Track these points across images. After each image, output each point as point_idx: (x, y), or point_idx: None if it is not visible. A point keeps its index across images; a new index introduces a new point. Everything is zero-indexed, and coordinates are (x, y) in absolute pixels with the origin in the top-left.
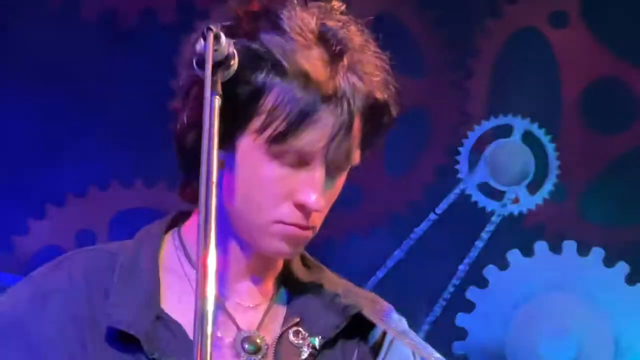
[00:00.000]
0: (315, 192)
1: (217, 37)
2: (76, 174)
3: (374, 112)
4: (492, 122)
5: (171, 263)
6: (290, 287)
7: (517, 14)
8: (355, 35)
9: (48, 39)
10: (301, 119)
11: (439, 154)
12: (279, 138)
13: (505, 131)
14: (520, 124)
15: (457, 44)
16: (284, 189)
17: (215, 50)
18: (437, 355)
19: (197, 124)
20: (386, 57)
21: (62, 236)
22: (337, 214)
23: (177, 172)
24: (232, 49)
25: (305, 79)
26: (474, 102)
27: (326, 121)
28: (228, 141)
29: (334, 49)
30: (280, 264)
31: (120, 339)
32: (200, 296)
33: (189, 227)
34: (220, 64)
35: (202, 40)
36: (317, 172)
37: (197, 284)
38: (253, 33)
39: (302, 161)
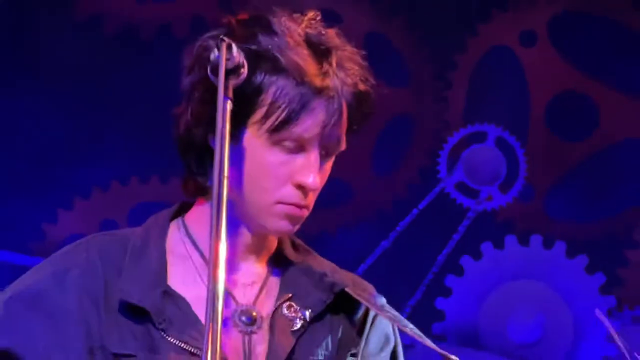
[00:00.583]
0: (313, 172)
1: (229, 48)
2: (100, 171)
3: (359, 101)
4: (469, 129)
5: (176, 246)
6: (282, 267)
7: (491, 34)
8: (334, 37)
9: (77, 51)
10: (298, 110)
11: (421, 157)
12: (279, 127)
13: (480, 137)
14: (493, 131)
15: (438, 59)
16: (284, 172)
17: (227, 59)
18: (412, 326)
19: (201, 123)
20: (362, 55)
21: (88, 225)
22: (330, 209)
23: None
24: (242, 59)
25: (300, 74)
26: (453, 111)
27: (320, 110)
28: (232, 132)
29: (320, 49)
30: (273, 247)
31: (131, 311)
32: (212, 278)
33: (192, 215)
34: (232, 71)
35: (216, 50)
36: (313, 156)
37: (210, 267)
38: (250, 36)
39: (299, 147)
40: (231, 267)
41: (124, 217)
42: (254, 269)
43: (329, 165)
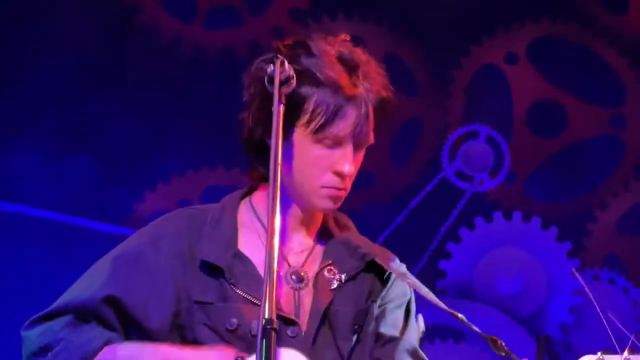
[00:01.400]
0: (348, 162)
1: (282, 63)
2: (178, 162)
3: (382, 104)
4: (465, 129)
5: (245, 219)
6: (326, 239)
7: (481, 54)
8: (361, 55)
9: (159, 67)
10: (334, 115)
11: (428, 150)
12: (319, 129)
13: (473, 135)
14: (484, 130)
15: (440, 75)
16: (325, 163)
17: (281, 72)
18: (426, 289)
19: (259, 126)
20: (383, 68)
21: (168, 204)
22: (356, 191)
23: (244, 162)
24: (292, 72)
25: (334, 86)
26: (452, 115)
27: (351, 114)
28: (284, 135)
29: (350, 65)
30: (319, 223)
31: (209, 269)
32: (269, 245)
33: (257, 197)
34: (284, 82)
35: (271, 65)
36: (347, 150)
37: (268, 236)
38: (294, 57)
39: (336, 143)
40: (286, 238)
41: (197, 198)
42: (304, 240)
43: (361, 155)
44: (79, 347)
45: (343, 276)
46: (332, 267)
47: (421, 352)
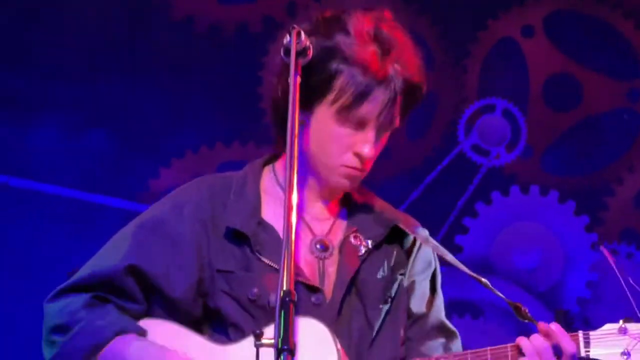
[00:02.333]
0: (369, 145)
1: (298, 34)
2: (192, 137)
3: (411, 90)
4: (481, 102)
5: (269, 187)
6: (350, 206)
7: (498, 28)
8: (399, 35)
9: (173, 43)
10: (361, 96)
11: (444, 124)
12: (345, 109)
13: (490, 109)
14: (501, 104)
15: (457, 48)
16: (347, 142)
17: (297, 43)
18: (449, 254)
19: (285, 94)
20: (420, 51)
21: (182, 179)
22: (373, 166)
23: (259, 136)
24: (309, 43)
25: (364, 67)
26: (469, 89)
27: (379, 98)
28: (309, 107)
29: (384, 46)
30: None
31: (234, 236)
32: (287, 211)
33: (280, 164)
34: (300, 53)
35: (288, 36)
36: (370, 133)
37: (285, 208)
38: (329, 34)
39: (360, 124)
40: (309, 206)
41: (211, 173)
42: (327, 208)
43: (384, 138)
44: (94, 332)
45: (370, 242)
46: (357, 234)
47: (448, 324)
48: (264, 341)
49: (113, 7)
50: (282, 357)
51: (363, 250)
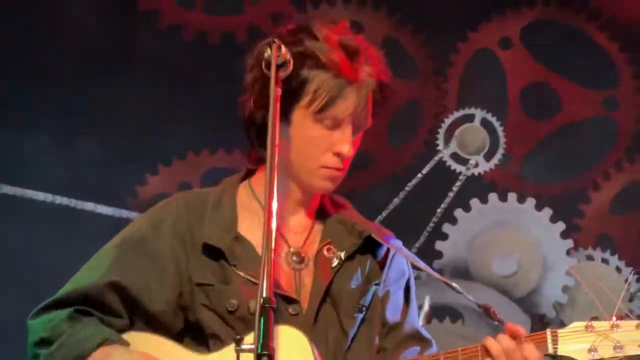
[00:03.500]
0: (347, 144)
1: (279, 47)
2: (179, 144)
3: (381, 88)
4: (461, 112)
5: (245, 202)
6: (324, 218)
7: (477, 39)
8: (361, 41)
9: (161, 52)
10: (335, 96)
11: (425, 133)
12: (321, 110)
13: (469, 118)
14: (479, 113)
15: (438, 59)
16: (325, 143)
17: (277, 56)
18: (423, 263)
19: (260, 108)
20: (382, 54)
21: (169, 186)
22: (357, 173)
23: (243, 144)
24: (289, 56)
25: (336, 69)
26: (449, 98)
27: (351, 97)
28: (286, 115)
29: (351, 50)
30: (317, 204)
31: (210, 251)
32: (267, 224)
33: (256, 179)
34: (281, 65)
35: (268, 50)
36: (347, 131)
37: (265, 217)
38: (298, 41)
39: (336, 124)
40: (285, 219)
41: (197, 180)
42: (303, 221)
43: (359, 138)
44: (76, 344)
45: (342, 254)
46: (330, 246)
47: (422, 332)
48: (243, 347)
49: (101, 17)
50: None
51: (336, 262)
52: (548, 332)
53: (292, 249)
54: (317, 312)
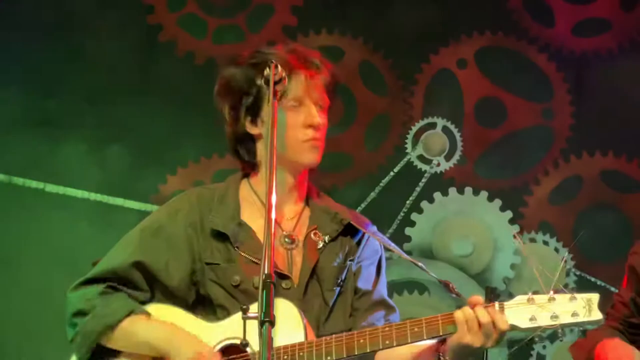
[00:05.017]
0: (315, 115)
1: (276, 67)
2: (193, 150)
3: (323, 67)
4: (425, 121)
5: (246, 195)
6: (311, 208)
7: (438, 61)
8: (306, 49)
9: (178, 74)
10: (289, 80)
11: (395, 139)
12: (283, 97)
13: (432, 126)
14: (441, 122)
15: (405, 77)
16: (299, 122)
17: (275, 74)
18: (393, 244)
19: (249, 115)
20: (320, 54)
21: (186, 184)
22: (338, 172)
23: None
24: (284, 74)
25: (288, 62)
26: (415, 110)
27: (303, 77)
28: (258, 119)
29: (296, 52)
30: (304, 195)
31: (217, 235)
32: (268, 212)
33: (253, 178)
34: (277, 82)
35: (267, 69)
36: (310, 106)
37: (266, 211)
38: (257, 56)
39: (300, 104)
40: (280, 208)
41: (209, 179)
42: (294, 208)
43: (325, 115)
44: (107, 315)
45: (326, 238)
46: (317, 231)
47: (388, 300)
48: (249, 315)
49: (127, 45)
50: (264, 327)
51: (321, 244)
52: (496, 304)
53: (284, 233)
54: (305, 286)
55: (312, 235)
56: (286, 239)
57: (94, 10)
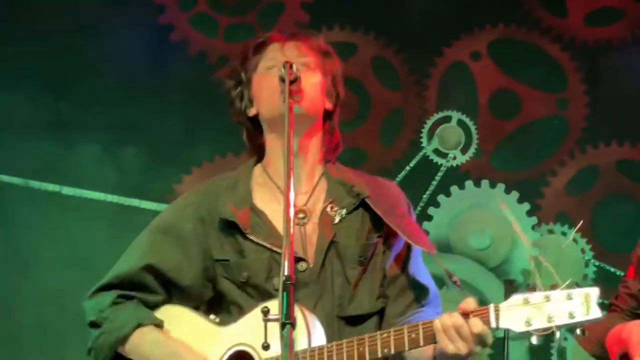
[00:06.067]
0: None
1: (291, 66)
2: (208, 149)
3: (310, 40)
4: (440, 115)
5: (259, 179)
6: (328, 182)
7: (451, 54)
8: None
9: (191, 73)
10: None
11: (411, 133)
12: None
13: (447, 119)
14: (455, 115)
15: (419, 71)
16: (275, 79)
17: (290, 74)
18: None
19: (260, 101)
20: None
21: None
22: (354, 168)
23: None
24: (299, 74)
25: (264, 41)
26: (430, 103)
27: (278, 46)
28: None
29: (278, 31)
30: (321, 169)
31: (227, 225)
32: (286, 193)
33: (267, 162)
34: (293, 82)
35: (282, 69)
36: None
37: (286, 188)
38: (243, 60)
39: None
40: (294, 186)
41: None
42: (308, 183)
43: (316, 75)
44: (114, 330)
45: (343, 212)
46: (333, 205)
47: (420, 279)
48: (270, 317)
49: (140, 46)
50: (285, 329)
51: (337, 218)
52: (491, 307)
53: (297, 208)
54: (322, 264)
55: (328, 210)
56: (299, 214)
57: (105, 12)
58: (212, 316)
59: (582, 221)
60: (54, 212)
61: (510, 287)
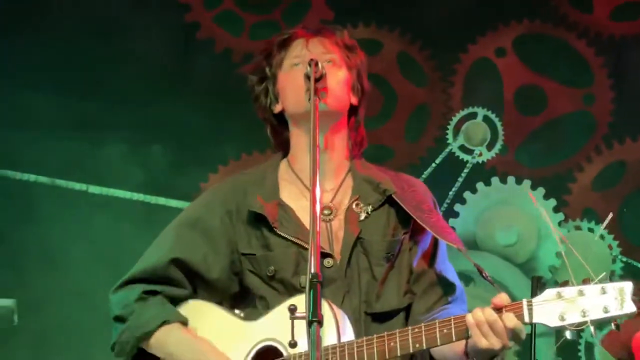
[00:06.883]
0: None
1: (316, 64)
2: (234, 148)
3: (335, 37)
4: (465, 111)
5: (286, 175)
6: (353, 177)
7: (476, 50)
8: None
9: (216, 71)
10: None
11: (436, 129)
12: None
13: (473, 116)
14: (481, 112)
15: (444, 68)
16: (300, 76)
17: (315, 72)
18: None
19: (285, 100)
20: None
21: None
22: (380, 164)
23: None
24: (324, 71)
25: (289, 37)
26: (455, 100)
27: (302, 42)
28: (273, 97)
29: (302, 27)
30: (346, 166)
31: (255, 220)
32: (312, 191)
33: (293, 158)
34: (318, 79)
35: (308, 67)
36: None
37: (312, 186)
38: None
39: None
40: (319, 182)
41: None
42: (334, 180)
43: (342, 71)
44: (139, 327)
45: (369, 209)
46: (359, 202)
47: (447, 275)
48: (297, 314)
49: (166, 44)
50: (312, 327)
51: (363, 215)
52: (524, 301)
53: (323, 205)
54: (348, 260)
55: (354, 207)
56: (325, 211)
57: (130, 11)
58: (237, 311)
59: (611, 215)
60: (80, 211)
61: (538, 284)
